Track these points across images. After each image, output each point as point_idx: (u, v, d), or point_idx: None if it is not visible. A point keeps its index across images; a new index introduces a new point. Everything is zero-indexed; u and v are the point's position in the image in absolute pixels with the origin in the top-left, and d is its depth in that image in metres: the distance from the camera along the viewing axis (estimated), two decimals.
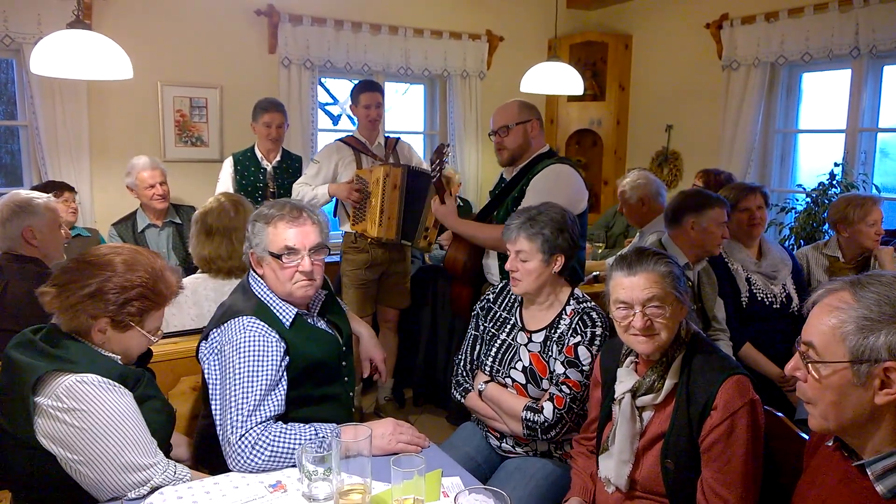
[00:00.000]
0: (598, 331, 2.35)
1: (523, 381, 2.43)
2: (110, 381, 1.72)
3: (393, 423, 2.09)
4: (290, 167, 4.48)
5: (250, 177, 4.38)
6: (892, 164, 5.08)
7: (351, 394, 2.30)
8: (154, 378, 1.98)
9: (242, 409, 1.89)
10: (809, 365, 1.33)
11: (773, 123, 5.30)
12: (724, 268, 3.24)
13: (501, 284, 2.70)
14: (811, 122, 5.31)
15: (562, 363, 2.34)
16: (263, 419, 1.91)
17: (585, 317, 2.39)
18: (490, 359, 2.54)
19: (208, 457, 2.11)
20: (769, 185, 5.34)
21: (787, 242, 4.68)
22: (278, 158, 4.44)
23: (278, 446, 1.89)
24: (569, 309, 2.44)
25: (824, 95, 5.20)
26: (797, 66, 5.15)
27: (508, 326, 2.55)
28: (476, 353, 2.62)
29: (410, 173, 3.81)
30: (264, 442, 1.88)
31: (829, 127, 5.13)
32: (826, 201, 4.60)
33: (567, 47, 6.27)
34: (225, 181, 4.43)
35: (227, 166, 4.45)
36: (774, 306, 3.23)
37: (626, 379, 1.99)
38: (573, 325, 2.38)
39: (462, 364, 2.64)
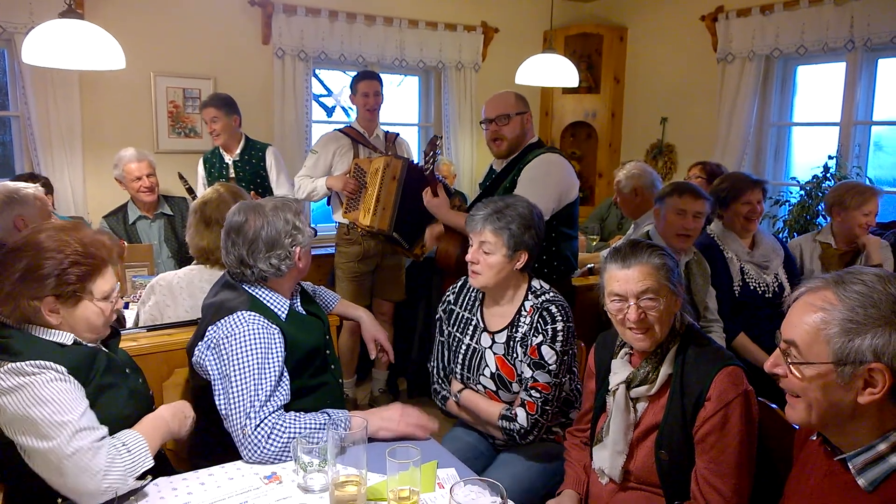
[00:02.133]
0: (560, 325, 2.30)
1: (493, 388, 2.42)
2: (49, 365, 1.67)
3: (399, 408, 2.10)
4: (254, 157, 4.40)
5: (216, 172, 4.36)
6: (886, 157, 5.09)
7: (340, 381, 2.31)
8: (125, 364, 1.93)
9: (255, 400, 1.89)
10: (791, 365, 1.34)
11: (767, 116, 5.30)
12: (721, 256, 3.26)
13: (461, 282, 2.65)
14: (806, 115, 5.32)
15: (528, 366, 2.32)
16: (276, 408, 1.92)
17: (545, 313, 2.32)
18: (459, 366, 2.52)
19: (204, 451, 2.11)
20: (763, 177, 5.34)
21: (780, 235, 4.69)
22: (239, 150, 4.38)
23: (295, 432, 1.89)
24: (528, 305, 2.39)
25: (819, 88, 5.20)
26: (792, 59, 5.15)
27: (471, 328, 2.51)
28: (446, 359, 2.60)
29: (411, 168, 3.80)
30: (280, 429, 1.88)
31: (823, 120, 5.14)
32: (820, 194, 4.61)
33: (562, 39, 6.26)
34: (198, 185, 4.43)
35: (200, 168, 4.46)
36: (766, 295, 3.25)
37: (620, 370, 1.99)
38: (534, 324, 2.34)
39: (436, 372, 2.62)
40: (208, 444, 2.03)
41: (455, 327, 2.57)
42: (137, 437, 1.75)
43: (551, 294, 2.40)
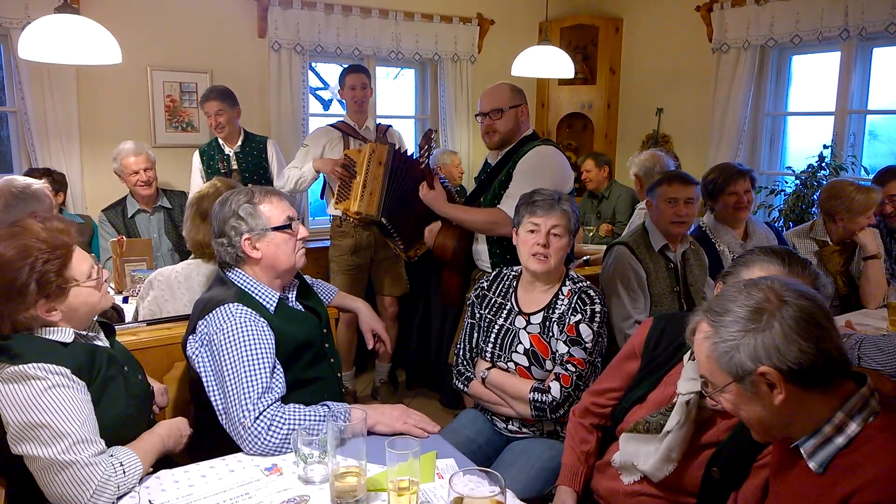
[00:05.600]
0: (598, 307, 2.41)
1: (526, 364, 2.45)
2: (53, 368, 1.66)
3: (403, 408, 2.13)
4: (255, 149, 4.48)
5: (215, 165, 4.38)
6: (881, 145, 5.11)
7: (339, 374, 2.32)
8: (124, 361, 1.92)
9: (251, 392, 1.90)
10: (715, 395, 1.42)
11: (762, 106, 5.31)
12: (712, 249, 3.28)
13: (495, 272, 2.72)
14: (800, 105, 5.33)
15: (564, 342, 2.38)
16: (274, 400, 1.93)
17: (584, 295, 2.44)
18: (490, 345, 2.55)
19: (203, 443, 2.12)
20: (758, 167, 5.37)
21: (777, 224, 4.71)
22: (240, 143, 4.43)
23: (294, 424, 1.90)
24: (565, 290, 2.49)
25: (814, 78, 5.21)
26: (787, 49, 5.16)
27: (505, 312, 2.57)
28: (475, 341, 2.63)
29: (398, 155, 3.79)
30: (280, 421, 1.89)
31: (818, 109, 5.15)
32: (815, 183, 4.63)
33: (558, 30, 6.26)
34: (195, 177, 4.44)
35: (195, 160, 4.47)
36: None
37: (697, 377, 1.80)
38: (573, 305, 2.43)
39: (462, 353, 2.65)
40: (211, 436, 2.03)
41: (487, 310, 2.62)
42: (133, 458, 1.74)
43: (587, 283, 2.52)
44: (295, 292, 2.28)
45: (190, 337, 2.09)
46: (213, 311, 2.02)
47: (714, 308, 1.40)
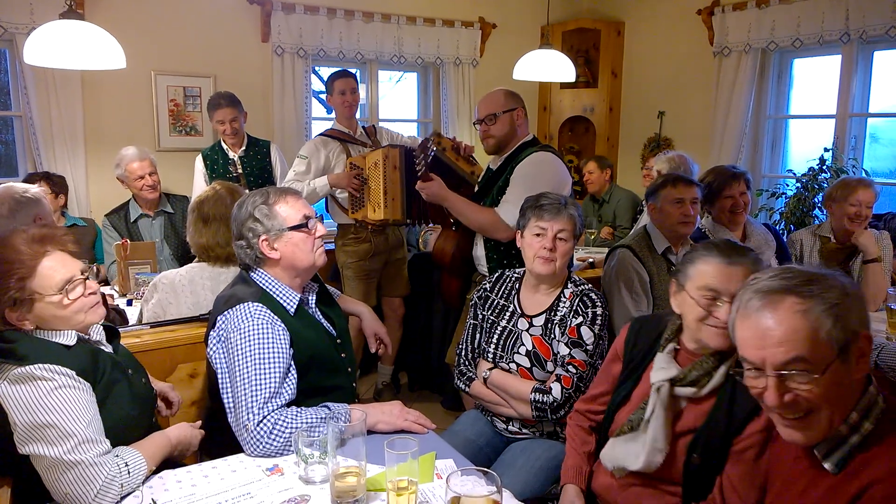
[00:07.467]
0: (599, 310, 2.44)
1: (528, 365, 2.47)
2: (58, 369, 1.68)
3: (400, 405, 2.15)
4: (258, 153, 4.52)
5: (220, 169, 4.41)
6: (882, 148, 5.11)
7: (354, 384, 2.33)
8: (127, 364, 1.94)
9: (258, 395, 1.91)
10: (812, 380, 1.29)
11: (763, 109, 5.32)
12: None
13: (497, 274, 2.74)
14: (802, 108, 5.34)
15: (565, 344, 2.41)
16: (280, 405, 1.94)
17: (585, 298, 2.46)
18: (492, 346, 2.57)
19: (211, 442, 2.14)
20: (760, 170, 5.38)
21: (777, 227, 4.72)
22: (244, 147, 4.47)
23: (296, 428, 1.91)
24: (567, 292, 2.51)
25: (815, 81, 5.22)
26: (788, 52, 5.17)
27: (508, 313, 2.59)
28: (477, 341, 2.65)
29: (408, 155, 3.82)
30: (281, 425, 1.90)
31: (819, 112, 5.15)
32: (816, 186, 4.64)
33: (559, 34, 6.28)
34: (198, 180, 4.46)
35: (199, 164, 4.49)
36: None
37: (667, 366, 1.90)
38: (574, 307, 2.45)
39: (464, 354, 2.67)
40: (227, 433, 2.03)
41: (490, 311, 2.65)
42: (138, 458, 1.76)
43: (589, 285, 2.55)
44: (314, 296, 2.29)
45: (211, 332, 2.11)
46: (233, 309, 2.04)
47: (794, 285, 1.32)
